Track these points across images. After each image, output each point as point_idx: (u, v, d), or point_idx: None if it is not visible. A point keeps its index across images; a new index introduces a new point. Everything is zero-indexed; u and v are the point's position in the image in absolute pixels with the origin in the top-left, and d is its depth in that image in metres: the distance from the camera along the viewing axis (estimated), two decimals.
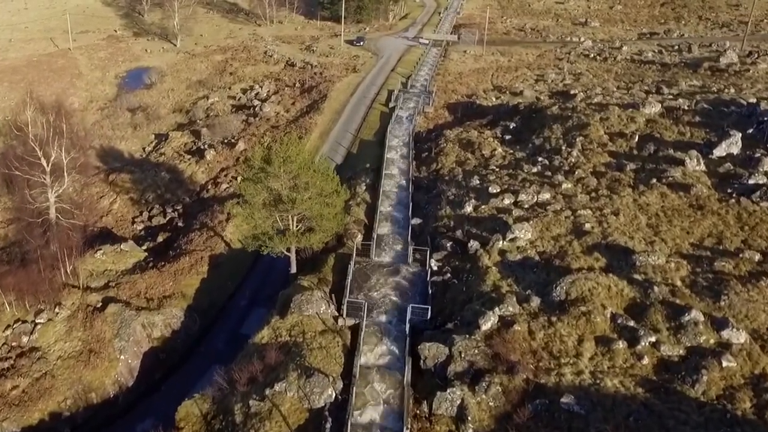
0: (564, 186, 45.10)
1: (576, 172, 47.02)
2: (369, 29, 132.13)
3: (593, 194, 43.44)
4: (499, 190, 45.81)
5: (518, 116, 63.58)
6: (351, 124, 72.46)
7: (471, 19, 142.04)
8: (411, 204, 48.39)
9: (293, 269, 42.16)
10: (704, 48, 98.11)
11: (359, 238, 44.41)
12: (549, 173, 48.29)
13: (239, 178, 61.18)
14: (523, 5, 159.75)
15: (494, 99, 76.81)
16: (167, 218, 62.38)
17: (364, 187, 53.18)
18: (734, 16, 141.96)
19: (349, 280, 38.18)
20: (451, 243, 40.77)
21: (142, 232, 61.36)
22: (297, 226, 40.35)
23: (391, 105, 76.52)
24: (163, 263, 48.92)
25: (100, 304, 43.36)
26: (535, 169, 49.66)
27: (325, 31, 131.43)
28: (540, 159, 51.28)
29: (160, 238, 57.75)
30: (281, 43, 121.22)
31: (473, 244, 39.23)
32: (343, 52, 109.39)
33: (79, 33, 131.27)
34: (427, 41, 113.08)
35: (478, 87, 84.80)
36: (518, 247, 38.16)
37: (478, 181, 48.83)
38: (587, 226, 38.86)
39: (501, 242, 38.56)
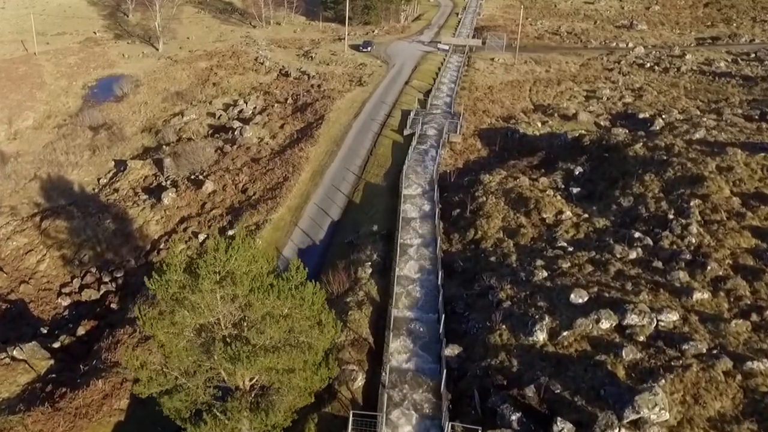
0: (696, 296, 27.45)
1: (708, 267, 29.31)
2: (378, 32, 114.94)
3: (754, 316, 25.86)
4: (586, 299, 28.04)
5: (584, 156, 45.71)
6: (354, 158, 54.90)
7: (493, 21, 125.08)
8: (443, 310, 30.68)
9: None
10: None
11: (359, 381, 27.02)
12: (659, 264, 30.58)
13: (150, 285, 38.41)
14: (549, 5, 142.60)
15: (540, 125, 59.18)
16: (101, 292, 46.44)
17: (370, 269, 35.72)
18: None
19: None
20: (518, 414, 23.19)
21: (66, 313, 45.64)
22: (250, 381, 23.22)
23: (406, 132, 58.98)
24: (63, 390, 32.54)
25: None
26: (633, 254, 31.91)
27: (327, 34, 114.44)
28: (637, 234, 33.58)
29: (81, 330, 41.70)
30: (276, 47, 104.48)
31: (563, 427, 21.80)
32: (347, 59, 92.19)
33: (55, 35, 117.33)
34: (446, 47, 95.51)
35: (515, 106, 67.32)
36: None
37: (545, 273, 31.10)
38: None
39: (617, 429, 21.15)
